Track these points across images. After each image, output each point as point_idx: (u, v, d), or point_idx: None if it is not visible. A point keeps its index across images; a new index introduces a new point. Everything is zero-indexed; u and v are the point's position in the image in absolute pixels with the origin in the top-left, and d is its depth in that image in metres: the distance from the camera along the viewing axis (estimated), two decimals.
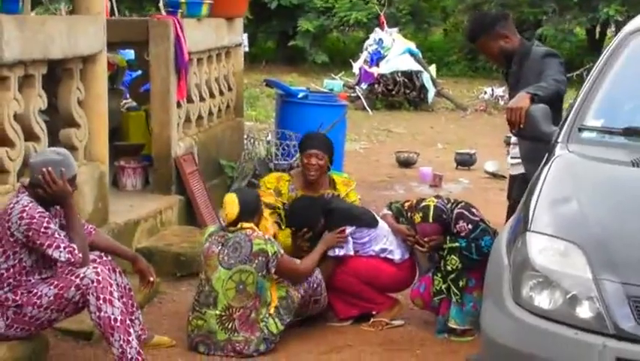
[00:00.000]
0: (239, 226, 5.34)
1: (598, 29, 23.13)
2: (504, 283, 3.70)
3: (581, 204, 3.76)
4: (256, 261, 5.23)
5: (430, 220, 5.52)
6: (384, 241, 5.82)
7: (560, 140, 4.28)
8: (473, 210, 5.60)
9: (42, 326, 4.77)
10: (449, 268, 5.51)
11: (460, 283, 5.50)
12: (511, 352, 3.56)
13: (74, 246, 4.61)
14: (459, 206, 5.61)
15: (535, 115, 4.48)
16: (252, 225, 5.36)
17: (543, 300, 3.57)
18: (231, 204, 5.38)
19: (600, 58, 4.64)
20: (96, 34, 6.13)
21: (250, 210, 5.40)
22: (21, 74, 5.36)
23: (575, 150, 4.17)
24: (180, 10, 7.71)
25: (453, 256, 5.50)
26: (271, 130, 9.06)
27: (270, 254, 5.25)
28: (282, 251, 5.36)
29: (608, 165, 4.06)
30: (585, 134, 4.28)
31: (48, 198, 4.68)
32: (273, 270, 5.29)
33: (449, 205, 5.61)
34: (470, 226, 5.51)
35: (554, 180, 3.97)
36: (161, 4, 18.66)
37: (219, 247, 5.30)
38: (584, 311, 3.46)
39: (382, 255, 5.79)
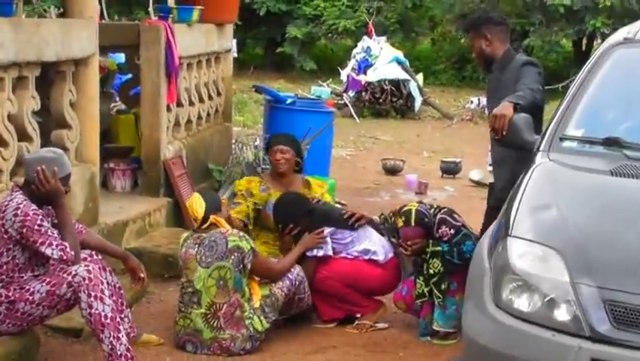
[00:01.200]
0: (210, 220, 5.46)
1: (584, 41, 23.32)
2: (485, 287, 3.82)
3: (560, 210, 3.89)
4: (232, 257, 5.34)
5: (412, 224, 5.63)
6: (366, 241, 5.93)
7: (541, 148, 4.41)
8: (455, 215, 5.73)
9: (34, 322, 4.86)
10: (431, 271, 5.62)
11: (442, 287, 5.61)
12: (491, 353, 3.68)
13: (66, 244, 4.71)
14: (442, 211, 5.73)
15: (518, 124, 4.61)
16: (222, 220, 5.50)
17: (522, 303, 3.69)
18: (198, 202, 5.52)
19: (583, 69, 4.77)
20: (89, 38, 6.23)
21: (214, 207, 5.54)
22: (15, 75, 5.46)
23: (555, 159, 4.30)
24: (171, 15, 7.83)
25: (435, 260, 5.61)
26: (259, 135, 9.16)
27: (245, 250, 5.37)
28: (257, 248, 5.48)
29: (587, 174, 4.18)
30: (566, 144, 4.40)
31: (42, 197, 4.77)
32: (249, 265, 5.40)
33: (432, 210, 5.73)
34: (452, 231, 5.62)
35: (535, 187, 4.09)
36: (150, 9, 18.79)
37: (196, 249, 5.42)
38: (562, 314, 3.58)
39: (366, 256, 5.89)
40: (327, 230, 5.85)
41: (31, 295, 4.75)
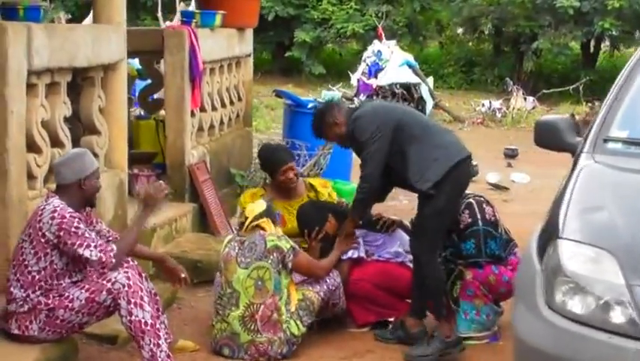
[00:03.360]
0: (254, 223, 5.46)
1: (592, 43, 23.33)
2: (537, 289, 3.78)
3: (611, 212, 3.86)
4: (271, 257, 5.34)
5: None
6: (397, 244, 5.92)
7: (585, 150, 4.38)
8: (487, 208, 5.68)
9: (73, 330, 4.86)
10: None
11: (454, 295, 5.65)
12: (545, 355, 3.65)
13: (113, 247, 4.71)
14: (473, 197, 5.72)
15: (560, 126, 4.59)
16: (267, 221, 5.49)
17: (576, 305, 3.65)
18: (259, 203, 5.57)
19: (624, 69, 4.75)
20: (118, 43, 6.22)
21: (270, 214, 5.55)
22: (48, 81, 5.44)
23: (601, 161, 4.27)
24: (194, 20, 7.81)
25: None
26: (281, 140, 9.13)
27: (285, 250, 5.36)
28: (297, 247, 5.46)
29: (636, 175, 4.15)
30: (610, 145, 4.37)
31: (81, 198, 4.78)
32: (289, 265, 5.39)
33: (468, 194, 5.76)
34: (469, 220, 5.61)
35: (583, 189, 4.06)
36: (159, 14, 18.80)
37: (237, 250, 5.42)
38: (617, 316, 3.54)
39: (398, 259, 5.88)
40: (358, 232, 5.83)
41: (71, 302, 4.73)
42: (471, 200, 5.68)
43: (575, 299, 3.66)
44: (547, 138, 4.68)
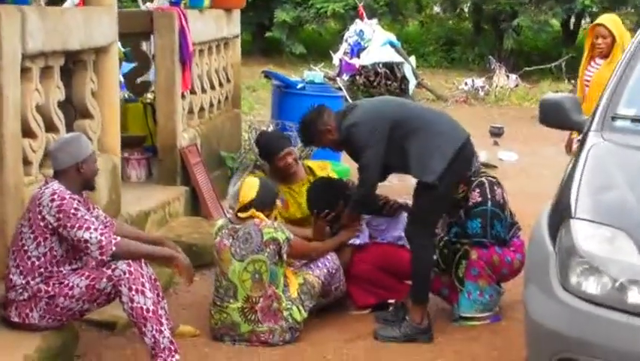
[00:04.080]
0: (249, 212, 5.34)
1: (573, 20, 23.31)
2: (550, 270, 3.75)
3: (624, 190, 3.82)
4: (267, 250, 5.25)
5: None
6: (400, 227, 5.87)
7: (592, 128, 4.34)
8: (498, 189, 5.65)
9: (74, 317, 4.79)
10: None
11: (460, 274, 5.62)
12: (561, 337, 3.62)
13: (119, 240, 4.62)
14: (486, 176, 5.70)
15: (565, 105, 4.55)
16: (260, 215, 5.37)
17: (591, 286, 3.62)
18: (250, 187, 5.39)
19: (629, 46, 4.70)
20: (110, 26, 6.12)
21: (264, 201, 5.41)
22: (42, 65, 5.33)
23: (610, 139, 4.23)
24: (183, 2, 7.70)
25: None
26: (272, 121, 9.06)
27: (281, 241, 5.27)
28: (292, 236, 5.38)
29: None
30: (619, 123, 4.34)
31: (80, 182, 4.73)
32: (285, 256, 5.32)
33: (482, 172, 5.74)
34: (479, 199, 5.58)
35: (594, 167, 4.03)
36: None
37: (230, 240, 5.31)
38: (634, 296, 3.51)
39: (400, 242, 5.84)
40: (364, 218, 5.79)
41: (71, 289, 4.66)
42: (483, 179, 5.65)
43: (590, 280, 3.63)
44: (553, 116, 4.63)
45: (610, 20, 6.90)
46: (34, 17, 5.09)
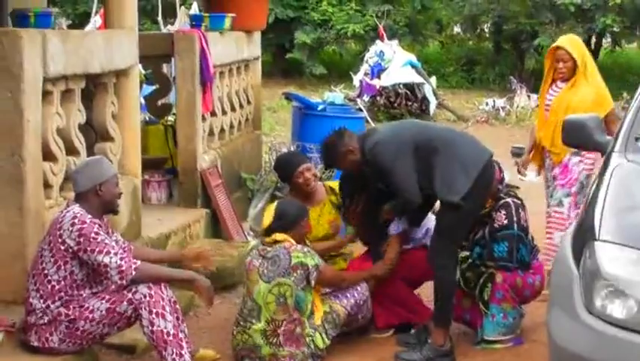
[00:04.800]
0: (272, 236, 5.32)
1: (594, 40, 23.25)
2: (575, 293, 3.70)
3: None
4: (295, 274, 5.21)
5: None
6: (425, 229, 5.84)
7: (616, 149, 4.30)
8: (522, 213, 5.60)
9: (94, 341, 4.78)
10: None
11: (485, 297, 5.57)
12: None
13: (139, 263, 4.61)
14: (513, 197, 5.64)
15: (589, 125, 4.51)
16: (286, 237, 5.34)
17: (616, 309, 3.57)
18: (268, 213, 5.41)
19: None
20: (130, 48, 6.13)
21: (285, 223, 5.38)
22: (63, 88, 5.35)
23: (633, 160, 4.19)
24: (204, 24, 7.72)
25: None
26: (292, 143, 9.03)
27: (310, 266, 5.23)
28: (322, 262, 5.35)
29: None
30: None
31: (100, 205, 4.74)
32: (313, 282, 5.27)
33: (506, 189, 5.67)
34: (505, 222, 5.53)
35: (618, 188, 3.98)
36: (159, 18, 18.69)
37: (259, 261, 5.29)
38: None
39: (424, 240, 5.79)
40: (395, 228, 5.73)
41: (91, 313, 4.65)
42: (509, 201, 5.59)
43: (615, 303, 3.58)
44: (576, 136, 4.60)
45: (570, 43, 6.54)
46: (56, 41, 5.11)
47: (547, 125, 6.53)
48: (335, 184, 6.43)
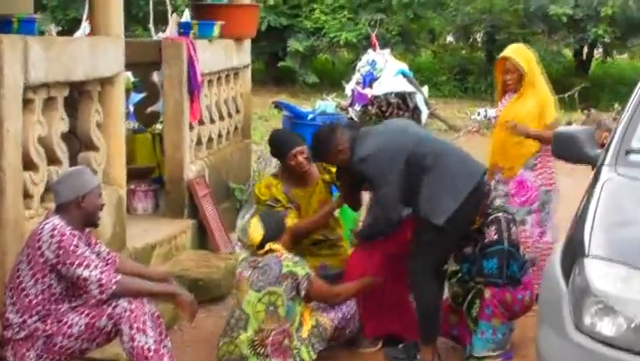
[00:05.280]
0: (267, 247, 5.24)
1: (585, 50, 23.25)
2: (564, 310, 3.62)
3: (639, 228, 3.69)
4: (285, 283, 5.13)
5: None
6: None
7: (606, 163, 4.22)
8: (513, 228, 5.49)
9: (72, 357, 4.64)
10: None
11: (474, 313, 5.47)
12: None
13: (119, 277, 4.51)
14: (503, 213, 5.52)
15: (579, 137, 4.43)
16: (279, 246, 5.26)
17: (606, 326, 3.49)
18: (255, 228, 5.31)
19: None
20: (116, 56, 6.04)
21: (274, 232, 5.31)
22: (45, 96, 5.25)
23: (624, 173, 4.11)
24: (192, 31, 7.63)
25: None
26: None
27: (300, 276, 5.15)
28: (312, 274, 5.26)
29: None
30: (633, 157, 4.22)
31: (81, 217, 4.62)
32: (303, 292, 5.18)
33: (495, 204, 5.55)
34: (495, 237, 5.43)
35: (608, 203, 3.90)
36: (150, 25, 18.59)
37: (250, 271, 5.22)
38: None
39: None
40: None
41: (70, 328, 4.53)
42: (500, 216, 5.48)
43: (605, 320, 3.49)
44: (566, 149, 4.52)
45: (516, 53, 6.40)
46: (38, 47, 5.02)
47: (496, 139, 6.42)
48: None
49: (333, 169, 6.05)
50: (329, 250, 6.10)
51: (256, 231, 5.29)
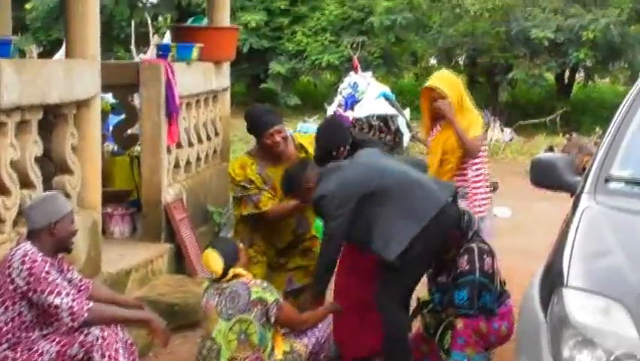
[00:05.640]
0: (230, 274, 5.14)
1: (567, 74, 23.34)
2: (541, 342, 3.54)
3: (619, 257, 3.63)
4: (255, 310, 5.03)
5: None
6: None
7: (585, 190, 4.16)
8: (488, 259, 5.41)
9: None
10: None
11: (445, 345, 5.41)
12: None
13: (91, 305, 4.42)
14: (478, 242, 5.45)
15: (558, 164, 4.38)
16: (241, 270, 5.17)
17: (584, 359, 3.41)
18: (214, 260, 5.16)
19: (622, 105, 4.54)
20: (92, 78, 5.98)
21: (232, 257, 5.20)
22: (18, 119, 5.18)
23: (603, 202, 4.05)
24: (171, 54, 7.57)
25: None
26: None
27: (269, 302, 5.06)
28: (281, 299, 5.18)
29: None
30: (612, 185, 4.15)
31: (53, 244, 4.52)
32: (273, 318, 5.09)
33: (472, 232, 5.49)
34: (467, 267, 5.35)
35: (586, 232, 3.84)
36: (132, 47, 18.54)
37: (217, 299, 5.11)
38: None
39: None
40: None
41: (40, 356, 4.45)
42: (473, 246, 5.41)
43: (583, 353, 3.41)
44: (545, 176, 4.46)
45: (441, 81, 6.23)
46: (10, 70, 4.95)
47: (430, 167, 6.33)
48: (306, 139, 6.20)
49: (310, 148, 5.99)
50: (300, 258, 6.05)
51: (215, 262, 5.15)
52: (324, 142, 5.74)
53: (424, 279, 5.64)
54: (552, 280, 3.71)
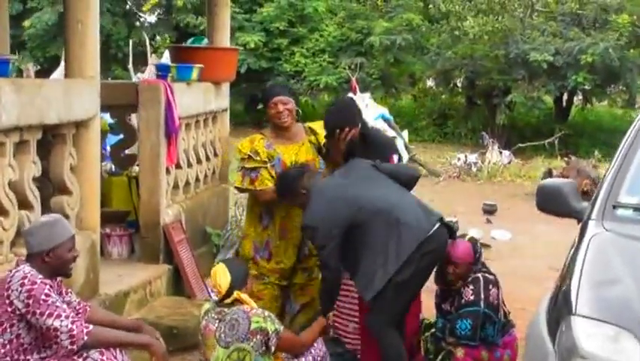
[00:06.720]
0: (233, 296, 5.07)
1: (565, 97, 23.37)
2: None
3: (628, 285, 3.58)
4: (254, 339, 4.94)
5: (466, 238, 5.42)
6: None
7: (593, 217, 4.12)
8: (493, 290, 5.35)
9: None
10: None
11: None
12: None
13: (91, 328, 4.35)
14: (486, 273, 5.39)
15: (565, 190, 4.33)
16: (246, 296, 5.10)
17: None
18: (222, 275, 5.11)
19: (629, 130, 4.50)
20: (91, 99, 5.91)
21: (241, 280, 5.14)
22: (16, 140, 5.12)
23: (611, 229, 4.00)
24: (170, 74, 7.51)
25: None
26: None
27: (269, 332, 4.98)
28: (282, 328, 5.10)
29: None
30: (620, 212, 4.12)
31: (49, 269, 4.45)
32: (273, 348, 5.01)
33: (479, 262, 5.44)
34: (472, 298, 5.29)
35: (595, 260, 3.79)
36: (130, 66, 18.52)
37: (216, 324, 5.03)
38: None
39: None
40: None
41: None
42: (479, 276, 5.35)
43: None
44: (551, 202, 4.41)
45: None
46: (9, 90, 4.89)
47: None
48: (316, 125, 6.16)
49: (321, 131, 5.90)
50: (301, 274, 6.02)
51: (223, 278, 5.09)
52: (330, 119, 5.66)
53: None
54: (560, 308, 3.66)
